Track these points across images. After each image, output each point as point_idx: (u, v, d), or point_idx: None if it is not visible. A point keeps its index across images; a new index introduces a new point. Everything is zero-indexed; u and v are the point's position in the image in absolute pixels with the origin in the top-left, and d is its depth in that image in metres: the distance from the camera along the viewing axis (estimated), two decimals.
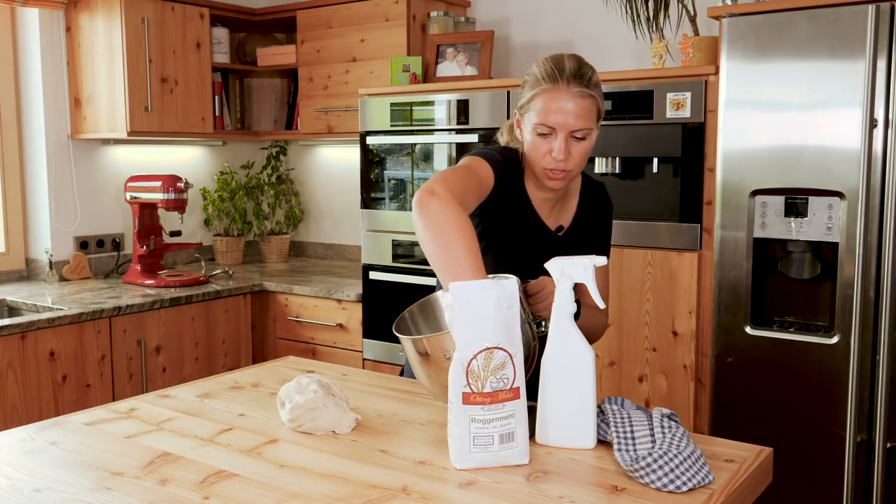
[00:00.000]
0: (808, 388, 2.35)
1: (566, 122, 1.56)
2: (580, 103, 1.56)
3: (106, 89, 3.39)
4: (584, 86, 1.56)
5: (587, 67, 1.59)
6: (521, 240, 1.72)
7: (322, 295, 3.34)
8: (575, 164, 1.61)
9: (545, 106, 1.57)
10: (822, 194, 2.29)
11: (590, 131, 1.59)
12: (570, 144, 1.58)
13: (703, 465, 1.25)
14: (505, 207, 1.69)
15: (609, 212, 1.83)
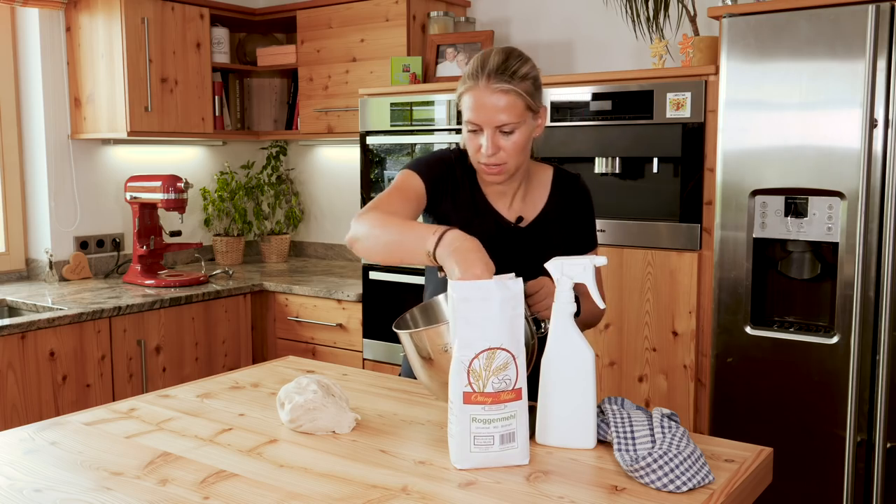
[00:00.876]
0: (808, 388, 2.35)
1: (489, 117, 1.59)
2: (502, 98, 1.58)
3: (106, 89, 3.39)
4: (505, 81, 1.57)
5: (515, 60, 1.60)
6: (477, 232, 1.68)
7: (322, 295, 3.34)
8: (508, 157, 1.63)
9: (470, 103, 1.61)
10: (822, 194, 2.29)
11: (517, 125, 1.60)
12: (497, 139, 1.61)
13: (703, 465, 1.25)
14: (459, 205, 1.74)
15: (587, 202, 1.81)
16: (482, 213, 1.74)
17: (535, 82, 1.63)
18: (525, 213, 1.76)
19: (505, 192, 1.75)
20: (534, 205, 1.77)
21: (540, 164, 1.82)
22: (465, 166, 1.75)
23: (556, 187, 1.79)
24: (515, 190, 1.75)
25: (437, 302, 1.61)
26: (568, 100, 2.78)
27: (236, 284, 3.42)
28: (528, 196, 1.77)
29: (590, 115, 2.74)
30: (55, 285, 3.37)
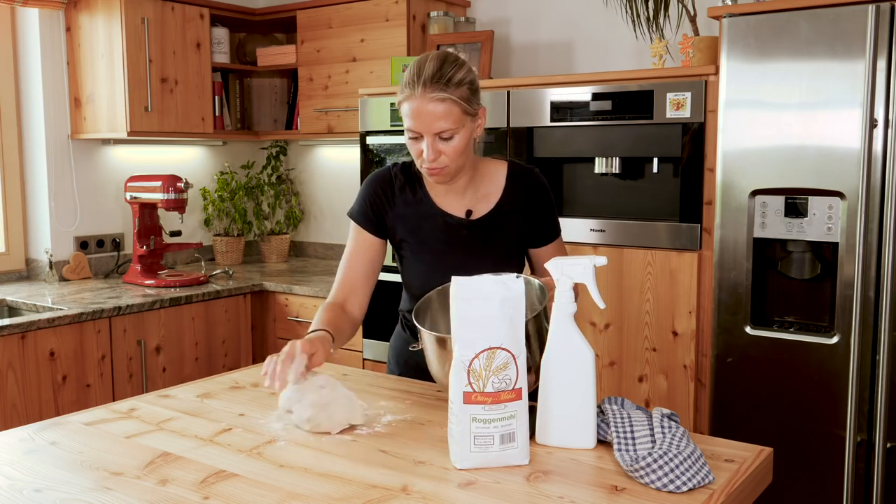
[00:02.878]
0: (808, 388, 2.35)
1: (427, 125, 1.63)
2: (437, 107, 1.62)
3: (106, 89, 3.39)
4: (439, 89, 1.61)
5: (450, 67, 1.63)
6: (427, 234, 1.81)
7: (322, 295, 3.34)
8: (449, 161, 1.67)
9: (408, 112, 1.65)
10: (822, 194, 2.29)
11: (455, 130, 1.64)
12: (437, 144, 1.65)
13: (703, 465, 1.25)
14: (404, 214, 1.81)
15: (544, 193, 1.84)
16: (429, 214, 1.81)
17: (471, 86, 1.66)
18: (476, 207, 1.81)
19: (453, 190, 1.80)
20: (487, 199, 1.81)
21: (493, 160, 1.86)
22: (409, 174, 1.83)
23: (510, 181, 1.82)
24: (465, 186, 1.79)
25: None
26: (568, 100, 2.78)
27: (236, 284, 3.42)
28: (480, 191, 1.81)
29: (590, 115, 2.74)
30: (55, 285, 3.37)
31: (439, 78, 1.61)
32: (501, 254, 1.81)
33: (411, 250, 1.83)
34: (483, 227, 1.80)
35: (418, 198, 1.81)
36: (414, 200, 1.81)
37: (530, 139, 2.88)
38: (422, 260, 1.82)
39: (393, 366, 1.97)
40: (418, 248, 1.82)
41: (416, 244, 1.82)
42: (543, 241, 1.86)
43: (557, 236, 1.88)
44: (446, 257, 1.79)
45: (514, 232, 1.82)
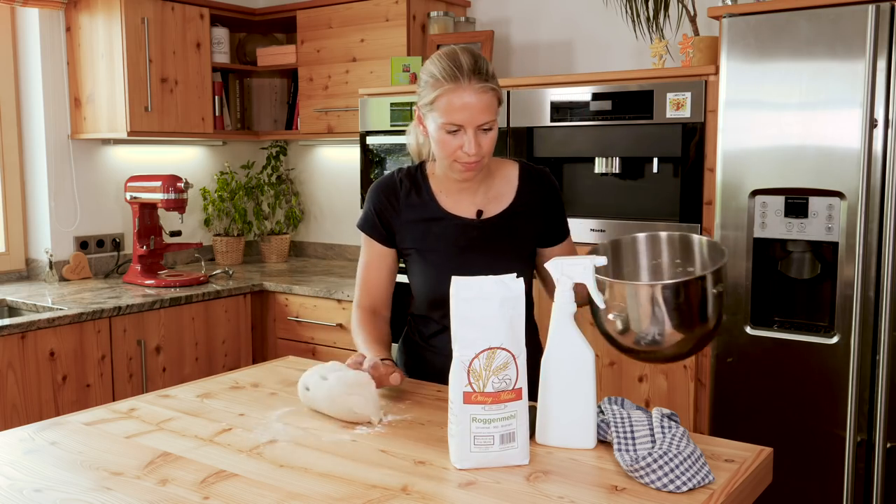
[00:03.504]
0: (808, 388, 2.35)
1: (472, 118, 1.61)
2: (482, 98, 1.61)
3: (106, 89, 3.39)
4: (483, 80, 1.61)
5: (482, 60, 1.64)
6: (436, 237, 1.79)
7: (322, 295, 3.34)
8: (486, 153, 1.67)
9: (450, 104, 1.61)
10: (822, 194, 2.29)
11: (494, 122, 1.65)
12: (478, 137, 1.63)
13: (703, 465, 1.25)
14: (412, 220, 1.80)
15: (556, 194, 1.84)
16: (438, 217, 1.78)
17: (497, 80, 1.67)
18: (488, 208, 1.79)
19: (465, 190, 1.78)
20: (499, 200, 1.80)
21: (504, 160, 1.85)
22: (414, 179, 1.82)
23: (523, 181, 1.81)
24: (477, 186, 1.78)
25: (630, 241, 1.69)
26: (568, 100, 2.77)
27: (236, 284, 3.42)
28: (492, 191, 1.79)
29: (590, 115, 2.74)
30: (55, 285, 3.37)
31: (479, 70, 1.61)
32: (513, 255, 1.78)
33: (420, 255, 1.81)
34: (494, 228, 1.78)
35: (425, 202, 1.79)
36: (420, 204, 1.79)
37: (530, 139, 2.88)
38: (431, 263, 1.80)
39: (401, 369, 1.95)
40: (427, 253, 1.80)
41: (425, 249, 1.80)
42: (554, 241, 1.84)
43: (567, 236, 1.88)
44: (457, 260, 1.76)
45: (526, 233, 1.80)
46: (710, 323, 1.45)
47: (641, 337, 1.44)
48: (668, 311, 1.41)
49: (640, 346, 1.44)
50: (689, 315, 1.42)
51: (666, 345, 1.43)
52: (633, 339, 1.44)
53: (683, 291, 1.42)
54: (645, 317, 1.42)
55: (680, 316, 1.41)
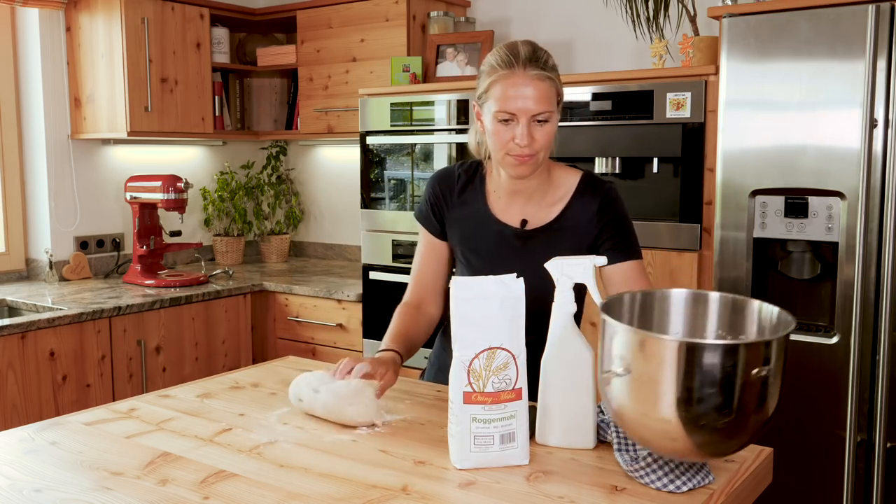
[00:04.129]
0: (808, 388, 2.35)
1: (526, 106, 1.54)
2: (539, 86, 1.54)
3: (106, 89, 3.39)
4: (540, 68, 1.54)
5: (542, 51, 1.58)
6: (479, 240, 1.73)
7: (322, 295, 3.34)
8: (540, 147, 1.58)
9: (503, 92, 1.55)
10: (822, 194, 2.29)
11: (551, 114, 1.57)
12: (532, 129, 1.56)
13: (703, 464, 1.25)
14: (462, 217, 1.75)
15: (614, 211, 1.70)
16: (484, 220, 1.72)
17: (558, 74, 1.61)
18: (534, 216, 1.70)
19: (519, 193, 1.70)
20: (549, 209, 1.70)
21: (568, 168, 1.74)
22: (472, 175, 1.75)
23: (579, 193, 1.70)
24: (532, 191, 1.69)
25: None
26: (568, 100, 2.77)
27: (236, 284, 3.42)
28: (546, 200, 1.70)
29: (590, 115, 2.74)
30: (55, 285, 3.37)
31: (537, 59, 1.55)
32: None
33: (463, 255, 1.77)
34: (536, 240, 1.69)
35: (476, 201, 1.73)
36: (472, 203, 1.74)
37: None
38: (471, 267, 1.75)
39: (432, 373, 1.91)
40: (469, 255, 1.75)
41: (468, 250, 1.75)
42: (612, 259, 1.64)
43: (631, 258, 1.69)
44: (494, 268, 1.65)
45: (567, 249, 1.63)
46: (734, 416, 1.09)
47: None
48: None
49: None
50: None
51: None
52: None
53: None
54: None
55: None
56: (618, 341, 1.14)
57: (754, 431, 1.12)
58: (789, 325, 1.20)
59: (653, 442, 1.14)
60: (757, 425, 1.11)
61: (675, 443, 1.12)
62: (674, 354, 1.08)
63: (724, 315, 1.28)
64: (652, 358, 1.10)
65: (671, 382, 1.09)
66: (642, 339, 1.11)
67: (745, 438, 1.13)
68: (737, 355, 1.07)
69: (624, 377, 1.12)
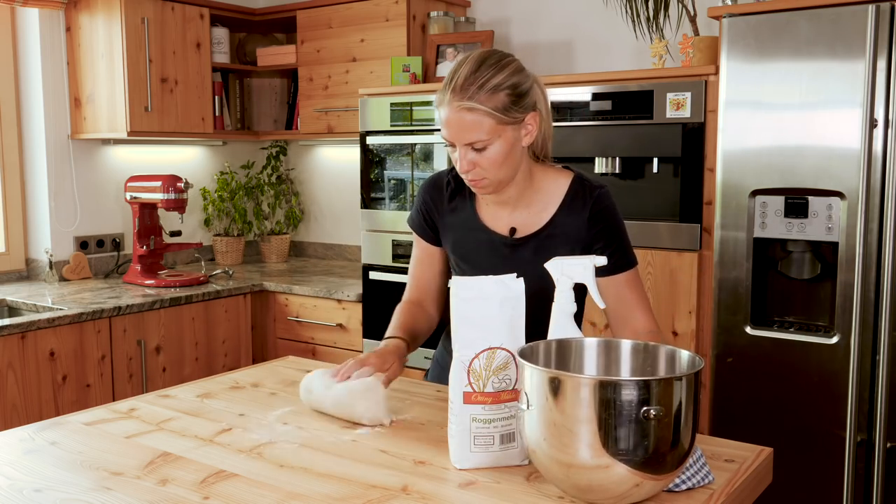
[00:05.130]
0: (808, 388, 2.35)
1: (457, 135, 1.51)
2: (464, 117, 1.48)
3: (106, 89, 3.39)
4: (467, 98, 1.47)
5: (486, 70, 1.49)
6: (470, 248, 1.71)
7: (322, 295, 3.34)
8: (486, 172, 1.54)
9: (440, 119, 1.53)
10: (822, 194, 2.29)
11: (488, 141, 1.50)
12: (471, 155, 1.52)
13: (703, 465, 1.25)
14: (454, 222, 1.73)
15: (606, 218, 1.63)
16: (474, 227, 1.70)
17: (513, 91, 1.50)
18: (523, 224, 1.66)
19: (503, 202, 1.66)
20: (537, 216, 1.65)
21: (557, 170, 1.67)
22: (461, 181, 1.71)
23: (569, 198, 1.64)
24: (516, 199, 1.65)
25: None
26: (568, 100, 2.78)
27: (236, 284, 3.42)
28: (534, 206, 1.65)
29: (590, 115, 2.74)
30: (55, 285, 3.37)
31: (470, 85, 1.47)
32: (543, 280, 1.42)
33: (456, 262, 1.75)
34: (525, 248, 1.64)
35: (466, 209, 1.70)
36: (462, 210, 1.71)
37: None
38: (464, 273, 1.72)
39: (436, 372, 1.89)
40: (461, 262, 1.73)
41: (459, 257, 1.73)
42: (603, 272, 1.58)
43: (624, 269, 1.63)
44: (487, 275, 1.64)
45: (561, 253, 1.56)
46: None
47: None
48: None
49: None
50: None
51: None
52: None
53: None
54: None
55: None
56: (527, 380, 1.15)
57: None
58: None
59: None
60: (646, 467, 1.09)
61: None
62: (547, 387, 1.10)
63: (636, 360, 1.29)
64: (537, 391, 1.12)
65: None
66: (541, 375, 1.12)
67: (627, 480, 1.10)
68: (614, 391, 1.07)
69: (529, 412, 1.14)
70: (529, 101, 1.54)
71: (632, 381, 1.07)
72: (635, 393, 1.05)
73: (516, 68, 1.52)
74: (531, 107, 1.55)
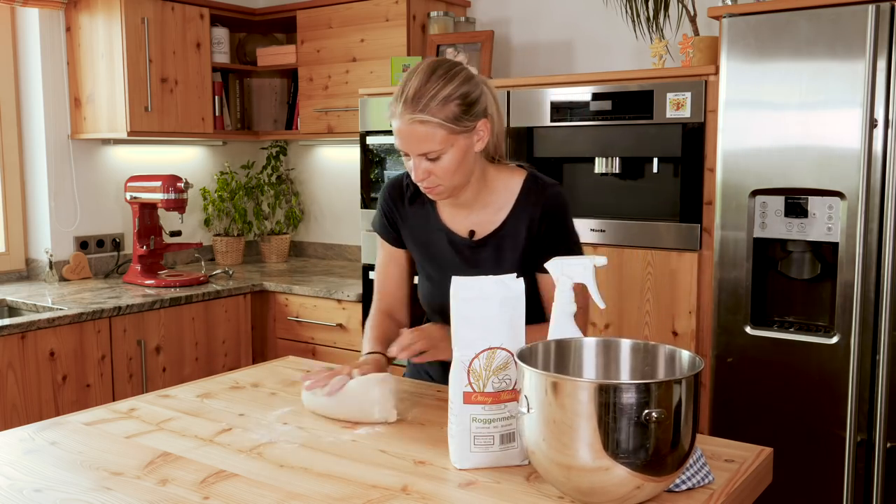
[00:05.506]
0: (808, 388, 2.35)
1: (409, 146, 1.55)
2: (417, 130, 1.52)
3: (106, 89, 3.39)
4: (419, 111, 1.50)
5: (436, 82, 1.52)
6: (434, 250, 1.74)
7: (322, 295, 3.34)
8: (441, 180, 1.57)
9: (394, 131, 1.56)
10: (822, 194, 2.29)
11: (441, 151, 1.53)
12: (425, 164, 1.55)
13: (704, 465, 1.25)
14: (416, 226, 1.75)
15: (555, 215, 1.66)
16: (436, 229, 1.73)
17: (463, 100, 1.53)
18: (482, 225, 1.69)
19: (459, 205, 1.69)
20: (494, 216, 1.68)
21: (511, 169, 1.70)
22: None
23: (522, 196, 1.67)
24: (472, 202, 1.68)
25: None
26: (568, 100, 2.78)
27: (236, 284, 3.42)
28: (491, 206, 1.68)
29: (590, 115, 2.74)
30: (55, 285, 3.37)
31: (420, 97, 1.50)
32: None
33: (420, 264, 1.78)
34: (484, 249, 1.69)
35: (426, 211, 1.74)
36: (423, 213, 1.74)
37: (530, 139, 2.89)
38: (427, 275, 1.76)
39: (411, 373, 1.94)
40: (425, 263, 1.76)
41: (423, 259, 1.76)
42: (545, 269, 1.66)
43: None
44: (448, 276, 1.62)
45: (513, 256, 1.67)
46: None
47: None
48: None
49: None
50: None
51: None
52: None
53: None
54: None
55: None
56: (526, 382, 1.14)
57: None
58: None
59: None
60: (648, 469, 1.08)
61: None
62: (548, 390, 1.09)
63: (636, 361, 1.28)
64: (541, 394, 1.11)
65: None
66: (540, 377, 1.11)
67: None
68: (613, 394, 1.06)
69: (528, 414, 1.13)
70: (480, 108, 1.57)
71: (632, 385, 1.07)
72: (636, 396, 1.05)
73: (465, 77, 1.55)
74: (482, 114, 1.58)
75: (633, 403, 1.05)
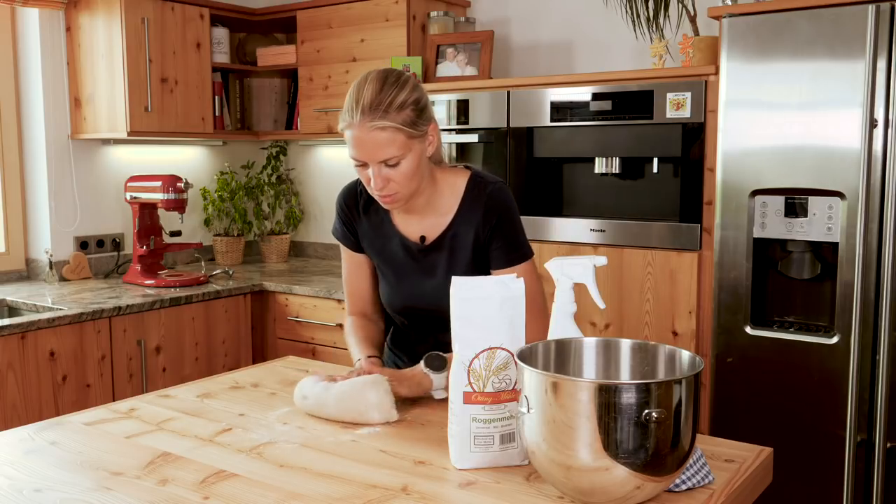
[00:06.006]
0: (808, 388, 2.35)
1: (370, 154, 1.55)
2: (377, 136, 1.53)
3: (106, 89, 3.39)
4: (379, 117, 1.52)
5: (390, 89, 1.54)
6: (389, 254, 1.77)
7: (322, 295, 3.34)
8: (400, 186, 1.59)
9: (350, 140, 1.57)
10: (822, 194, 2.29)
11: (401, 156, 1.56)
12: (385, 172, 1.57)
13: (704, 465, 1.25)
14: (371, 232, 1.78)
15: (500, 212, 1.68)
16: (390, 235, 1.76)
17: (416, 106, 1.57)
18: (431, 229, 1.72)
19: (411, 211, 1.72)
20: (442, 219, 1.71)
21: (455, 171, 1.73)
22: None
23: (466, 197, 1.70)
24: (423, 207, 1.71)
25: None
26: (568, 100, 2.78)
27: (236, 284, 3.42)
28: (438, 209, 1.71)
29: (590, 115, 2.74)
30: (55, 285, 3.37)
31: (378, 104, 1.52)
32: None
33: (378, 268, 1.82)
34: (438, 252, 1.72)
35: (380, 217, 1.77)
36: (377, 219, 1.77)
37: (530, 139, 2.89)
38: (385, 279, 1.80)
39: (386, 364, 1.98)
40: (383, 267, 1.80)
41: (381, 263, 1.80)
42: (499, 265, 1.69)
43: (521, 262, 1.69)
44: (405, 280, 1.75)
45: (463, 257, 1.70)
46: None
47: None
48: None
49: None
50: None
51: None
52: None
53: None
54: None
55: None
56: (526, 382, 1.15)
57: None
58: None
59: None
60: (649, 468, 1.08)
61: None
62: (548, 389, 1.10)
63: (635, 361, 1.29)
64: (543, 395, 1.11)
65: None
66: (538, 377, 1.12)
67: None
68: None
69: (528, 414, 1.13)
70: (429, 113, 1.62)
71: (632, 385, 1.07)
72: (636, 396, 1.05)
73: (414, 84, 1.59)
74: (431, 118, 1.63)
75: (633, 403, 1.05)
